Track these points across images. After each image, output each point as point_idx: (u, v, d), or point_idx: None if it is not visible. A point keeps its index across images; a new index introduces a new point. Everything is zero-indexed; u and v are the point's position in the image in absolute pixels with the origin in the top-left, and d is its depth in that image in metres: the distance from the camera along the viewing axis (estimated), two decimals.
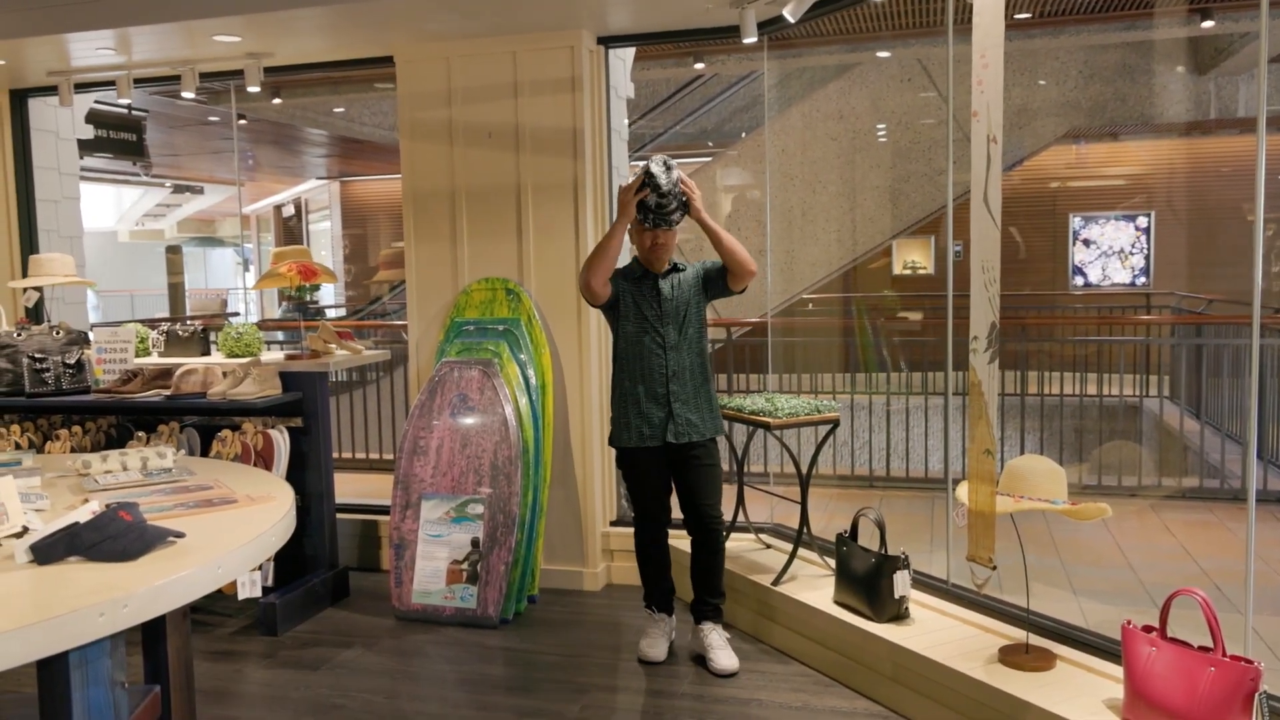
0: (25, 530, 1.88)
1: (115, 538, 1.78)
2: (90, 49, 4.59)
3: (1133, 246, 11.46)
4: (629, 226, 3.55)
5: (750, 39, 3.99)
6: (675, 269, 3.65)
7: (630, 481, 3.76)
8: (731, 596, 4.00)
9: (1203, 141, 11.18)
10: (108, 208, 16.62)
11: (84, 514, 1.84)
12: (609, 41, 4.56)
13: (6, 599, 1.62)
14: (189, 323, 5.60)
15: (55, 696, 1.64)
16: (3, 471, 2.34)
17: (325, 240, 15.27)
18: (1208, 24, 7.46)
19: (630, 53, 5.02)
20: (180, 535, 1.88)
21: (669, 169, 3.42)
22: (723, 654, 3.63)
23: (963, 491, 3.14)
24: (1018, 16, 7.45)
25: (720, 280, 3.59)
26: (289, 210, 16.24)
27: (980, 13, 2.95)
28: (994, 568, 3.06)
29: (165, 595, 1.67)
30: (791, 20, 3.77)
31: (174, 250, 14.30)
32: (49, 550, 1.76)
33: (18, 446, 4.25)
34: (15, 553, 1.78)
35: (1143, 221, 11.42)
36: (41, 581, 1.69)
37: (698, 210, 3.45)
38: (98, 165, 10.58)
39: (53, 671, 1.64)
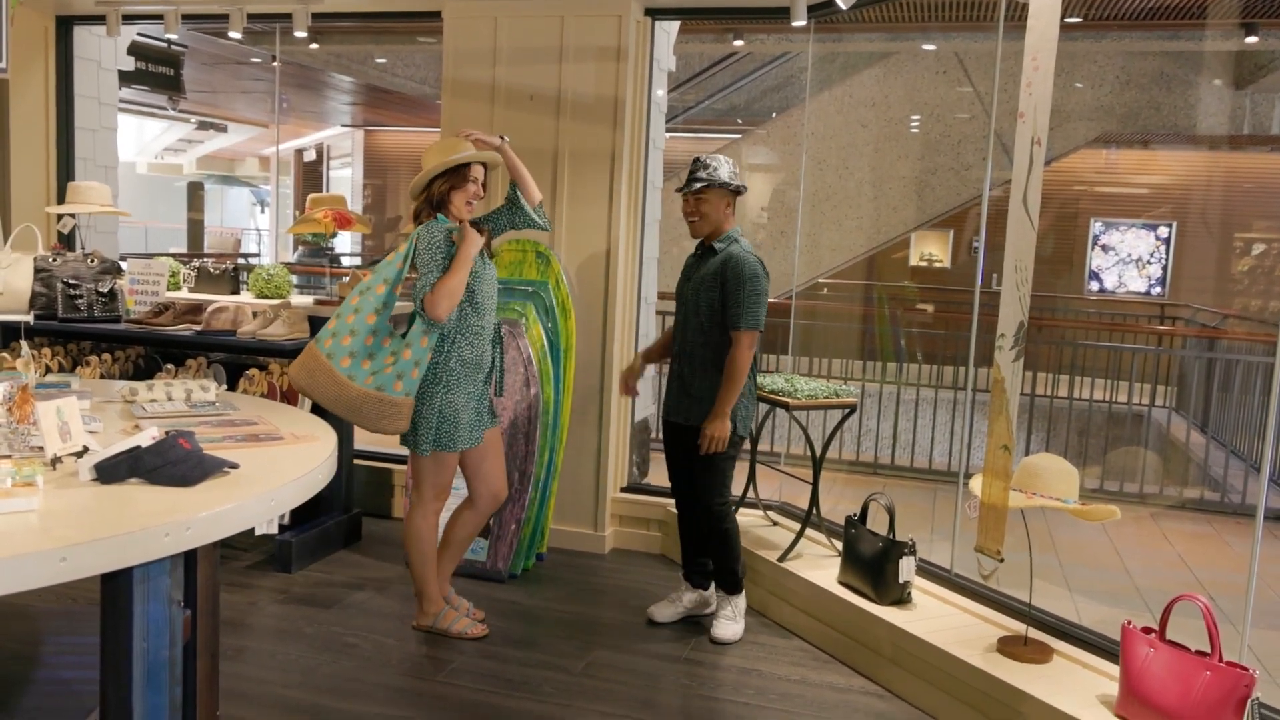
0: (85, 450, 1.96)
1: (175, 463, 1.85)
2: None
3: (1151, 256, 11.48)
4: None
5: (800, 22, 4.02)
6: (713, 251, 3.61)
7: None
8: None
9: (1232, 156, 11.16)
10: (128, 139, 16.60)
11: (145, 439, 1.91)
12: (656, 14, 4.58)
13: (76, 514, 1.70)
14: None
15: (118, 609, 1.72)
16: (55, 393, 2.41)
17: (346, 188, 15.28)
18: (1251, 39, 7.44)
19: (675, 25, 5.03)
20: (235, 466, 1.96)
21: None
22: (721, 623, 3.71)
23: (976, 484, 3.21)
24: (1068, 20, 7.44)
25: (724, 310, 3.53)
26: (310, 155, 16.24)
27: (1036, 15, 2.98)
28: (1001, 560, 3.14)
29: (224, 521, 1.74)
30: (843, 7, 3.80)
31: (197, 187, 14.29)
32: (112, 470, 1.84)
33: (49, 370, 4.33)
34: (79, 470, 1.86)
35: (1164, 231, 11.43)
36: (106, 499, 1.77)
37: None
38: (127, 96, 10.60)
39: (117, 585, 1.72)
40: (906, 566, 3.49)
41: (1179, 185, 11.70)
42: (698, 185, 3.54)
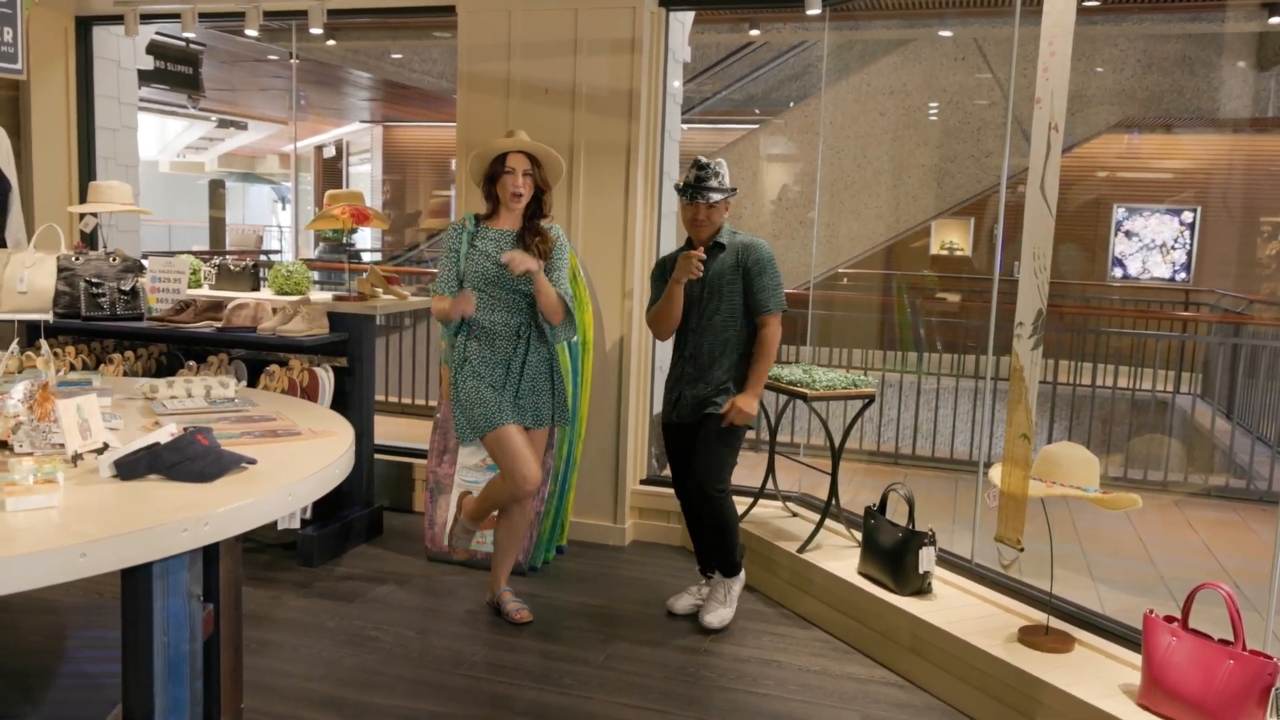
0: (105, 446, 1.98)
1: (194, 459, 1.87)
2: None
3: (1175, 241, 11.36)
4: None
5: (815, 10, 4.00)
6: (718, 247, 3.65)
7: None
8: (757, 561, 4.09)
9: (1257, 139, 11.01)
10: (150, 138, 16.72)
11: (164, 435, 1.93)
12: (671, 4, 4.57)
13: (95, 510, 1.72)
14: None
15: (138, 604, 1.74)
16: (76, 391, 2.44)
17: (365, 184, 15.35)
18: (1275, 19, 7.33)
19: (689, 16, 5.01)
20: (252, 461, 1.97)
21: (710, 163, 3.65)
22: (712, 607, 3.73)
23: (996, 473, 3.20)
24: (1086, 4, 7.36)
25: (748, 296, 3.62)
26: (330, 151, 16.32)
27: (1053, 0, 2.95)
28: (1021, 549, 3.12)
29: (241, 517, 1.76)
30: None
31: (218, 185, 14.37)
32: (132, 467, 1.86)
33: (72, 368, 4.37)
34: (99, 467, 1.88)
35: (1188, 217, 11.31)
36: (125, 496, 1.79)
37: None
38: (147, 95, 10.69)
39: (136, 580, 1.74)
40: (926, 557, 3.48)
41: (1202, 169, 11.56)
42: (716, 198, 3.58)
